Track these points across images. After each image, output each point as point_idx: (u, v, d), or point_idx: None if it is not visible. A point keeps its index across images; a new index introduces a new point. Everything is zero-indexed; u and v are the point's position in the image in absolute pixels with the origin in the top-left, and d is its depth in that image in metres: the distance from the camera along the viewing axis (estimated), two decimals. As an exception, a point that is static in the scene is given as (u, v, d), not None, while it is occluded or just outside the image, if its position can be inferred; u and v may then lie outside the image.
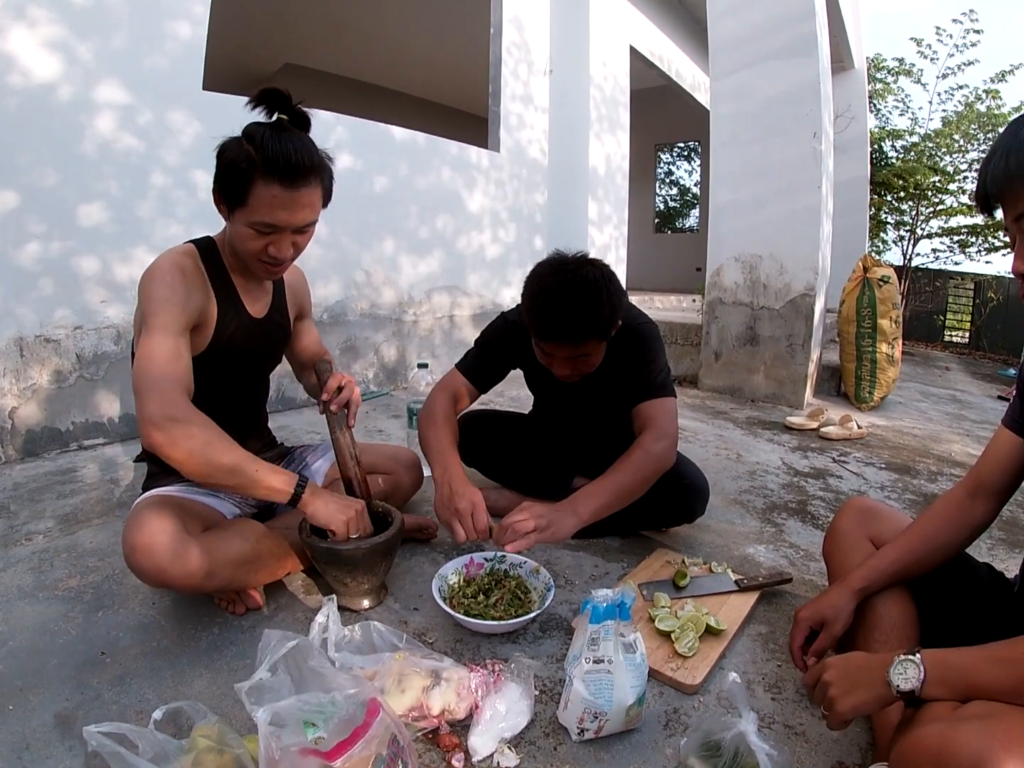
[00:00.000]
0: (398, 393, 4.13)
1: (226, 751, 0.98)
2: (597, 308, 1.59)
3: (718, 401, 4.34)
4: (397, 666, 1.18)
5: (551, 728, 1.21)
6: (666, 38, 6.88)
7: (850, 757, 1.18)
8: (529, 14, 5.07)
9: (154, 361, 1.32)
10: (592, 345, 1.67)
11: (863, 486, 2.75)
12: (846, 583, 1.27)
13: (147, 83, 2.82)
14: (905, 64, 9.89)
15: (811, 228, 4.03)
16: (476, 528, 1.53)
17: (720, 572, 1.79)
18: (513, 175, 5.01)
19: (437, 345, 4.52)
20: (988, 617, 1.22)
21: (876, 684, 0.97)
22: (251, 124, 1.39)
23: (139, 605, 1.55)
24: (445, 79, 8.60)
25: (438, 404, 1.88)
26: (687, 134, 11.63)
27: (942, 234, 9.98)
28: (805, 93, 3.98)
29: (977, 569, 1.33)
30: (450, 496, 1.58)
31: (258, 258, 1.45)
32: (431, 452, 1.76)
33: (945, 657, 0.94)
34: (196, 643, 1.41)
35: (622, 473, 1.66)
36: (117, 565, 1.70)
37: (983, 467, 1.27)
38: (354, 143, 3.75)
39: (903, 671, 0.93)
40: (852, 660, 1.05)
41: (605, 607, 1.14)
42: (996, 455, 1.26)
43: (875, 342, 4.26)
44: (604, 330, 1.65)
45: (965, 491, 1.29)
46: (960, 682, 0.91)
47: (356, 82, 8.55)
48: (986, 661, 0.90)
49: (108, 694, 1.23)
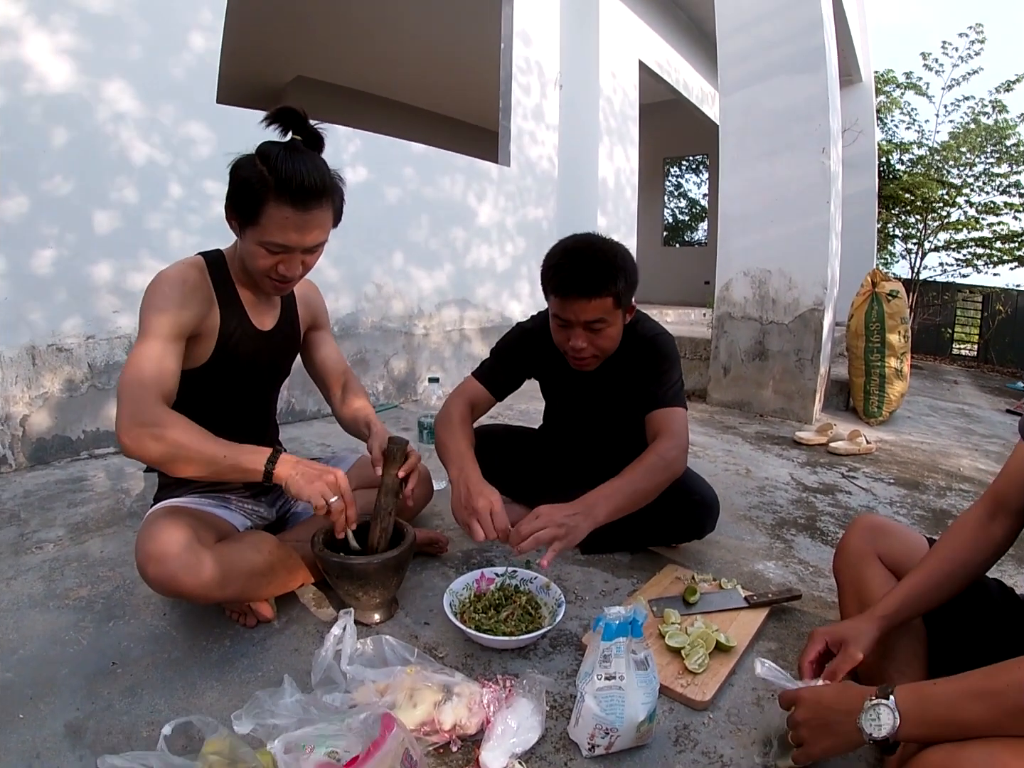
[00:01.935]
0: (407, 406, 4.15)
1: (239, 764, 0.98)
2: (612, 260, 1.68)
3: (727, 416, 4.33)
4: (409, 680, 1.18)
5: (562, 744, 1.20)
6: (674, 52, 6.93)
7: None
8: (539, 29, 5.12)
9: (133, 368, 1.34)
10: (608, 307, 1.69)
11: (872, 502, 2.73)
12: (871, 612, 1.24)
13: (163, 94, 2.87)
14: (912, 77, 9.95)
15: (820, 243, 4.03)
16: (496, 527, 1.52)
17: (730, 588, 1.78)
18: (523, 189, 5.04)
19: (446, 358, 4.55)
20: (1000, 634, 1.19)
21: (848, 731, 0.95)
22: (265, 143, 1.40)
23: (150, 616, 1.55)
24: (456, 92, 8.65)
25: (455, 409, 1.89)
26: (696, 147, 11.63)
27: (950, 247, 10.00)
28: (813, 108, 4.00)
29: (988, 586, 1.30)
30: (468, 495, 1.58)
31: (267, 275, 1.47)
32: (447, 455, 1.76)
33: (923, 695, 0.91)
34: (207, 655, 1.41)
35: (636, 476, 1.66)
36: (128, 575, 1.71)
37: (1001, 485, 1.23)
38: (366, 157, 3.79)
39: (875, 717, 0.91)
40: (823, 698, 1.03)
41: (617, 624, 1.13)
42: (1015, 472, 1.21)
43: (884, 356, 4.25)
44: (618, 287, 1.68)
45: (984, 510, 1.25)
46: (938, 720, 0.88)
47: (367, 95, 8.60)
48: (965, 695, 0.86)
49: (119, 704, 1.24)
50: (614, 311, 1.72)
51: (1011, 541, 1.23)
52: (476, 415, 1.97)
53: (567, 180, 5.45)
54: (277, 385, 1.81)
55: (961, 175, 9.58)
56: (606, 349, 1.80)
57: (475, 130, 9.27)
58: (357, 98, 8.51)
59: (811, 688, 1.09)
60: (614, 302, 1.69)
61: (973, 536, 1.23)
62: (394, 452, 1.56)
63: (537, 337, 1.92)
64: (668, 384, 1.85)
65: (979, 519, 1.24)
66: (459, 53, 7.26)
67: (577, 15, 5.43)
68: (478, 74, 7.02)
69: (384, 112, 8.57)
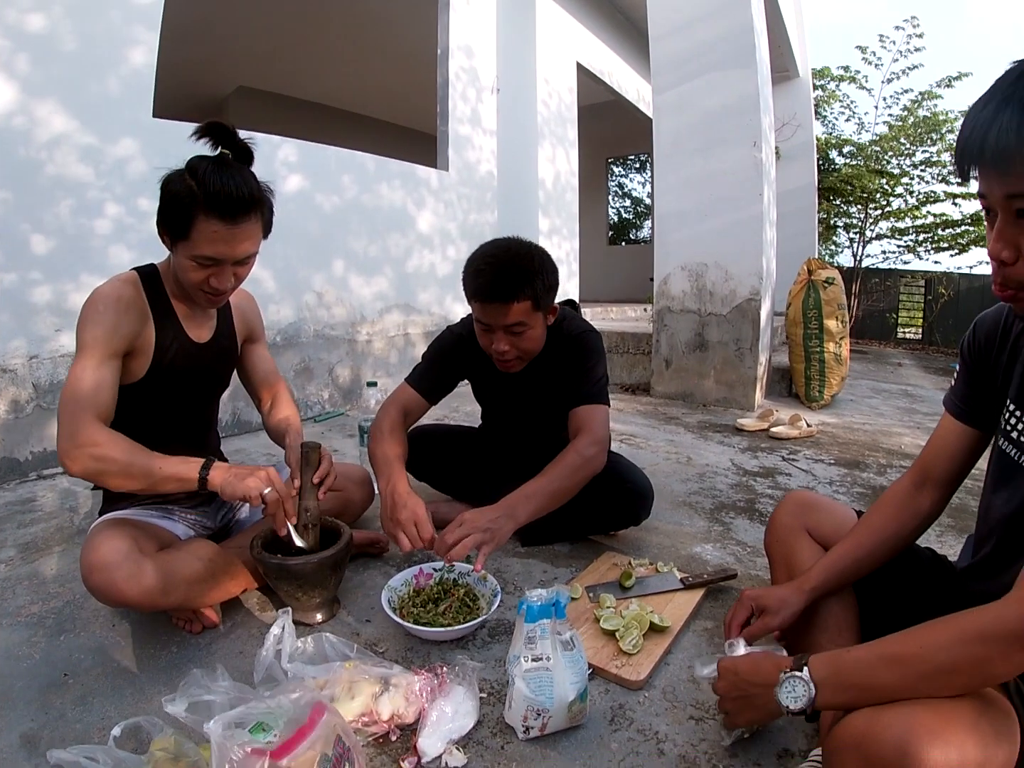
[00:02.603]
0: (354, 413, 4.12)
1: (182, 759, 1.02)
2: (529, 264, 1.71)
3: (670, 407, 4.41)
4: (347, 674, 1.21)
5: (499, 728, 1.24)
6: (612, 53, 7.03)
7: (796, 744, 1.21)
8: (476, 33, 5.14)
9: (70, 388, 1.38)
10: (526, 310, 1.73)
11: (812, 482, 2.80)
12: (798, 582, 1.27)
13: (98, 110, 2.85)
14: (850, 71, 10.17)
15: (754, 235, 4.14)
16: (421, 537, 1.56)
17: (666, 571, 1.84)
18: (462, 195, 5.07)
19: (392, 364, 4.54)
20: (931, 603, 1.20)
21: (767, 703, 0.97)
22: (194, 158, 1.43)
23: (100, 628, 1.57)
24: (396, 99, 8.66)
25: (385, 418, 1.92)
26: (637, 146, 11.73)
27: (891, 235, 10.25)
28: (745, 103, 4.11)
29: (919, 554, 1.34)
30: (392, 507, 1.62)
31: (200, 288, 1.50)
32: (377, 465, 1.80)
33: (838, 663, 0.92)
34: (155, 662, 1.43)
35: (556, 475, 1.71)
36: (78, 590, 1.72)
37: (928, 457, 1.26)
38: (303, 166, 3.79)
39: (791, 689, 0.93)
40: (740, 671, 1.06)
41: (540, 606, 1.18)
42: (940, 443, 1.25)
43: (822, 342, 4.38)
44: (536, 290, 1.72)
45: (911, 482, 1.28)
46: (854, 686, 0.89)
47: (310, 103, 8.59)
48: (879, 661, 0.88)
49: (71, 714, 1.26)
50: (534, 314, 1.76)
51: (939, 511, 1.27)
52: (411, 421, 2.01)
53: (507, 183, 5.49)
54: (216, 396, 1.84)
55: (900, 165, 9.82)
56: (529, 351, 1.83)
57: (417, 135, 9.28)
58: (300, 107, 8.51)
59: (729, 659, 1.13)
60: (533, 305, 1.73)
61: (901, 506, 1.28)
62: (308, 455, 1.60)
63: (467, 340, 1.95)
64: (591, 381, 1.90)
65: (907, 490, 1.28)
66: (398, 59, 7.28)
67: (514, 19, 5.48)
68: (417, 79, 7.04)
69: (327, 120, 8.58)
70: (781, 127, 7.86)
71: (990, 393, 1.14)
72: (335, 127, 8.14)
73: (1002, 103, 0.78)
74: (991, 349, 1.13)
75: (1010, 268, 0.86)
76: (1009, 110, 0.77)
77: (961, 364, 1.22)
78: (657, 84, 4.52)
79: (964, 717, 0.81)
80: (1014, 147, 0.77)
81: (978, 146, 0.80)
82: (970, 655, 0.82)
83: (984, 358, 1.15)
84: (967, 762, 0.77)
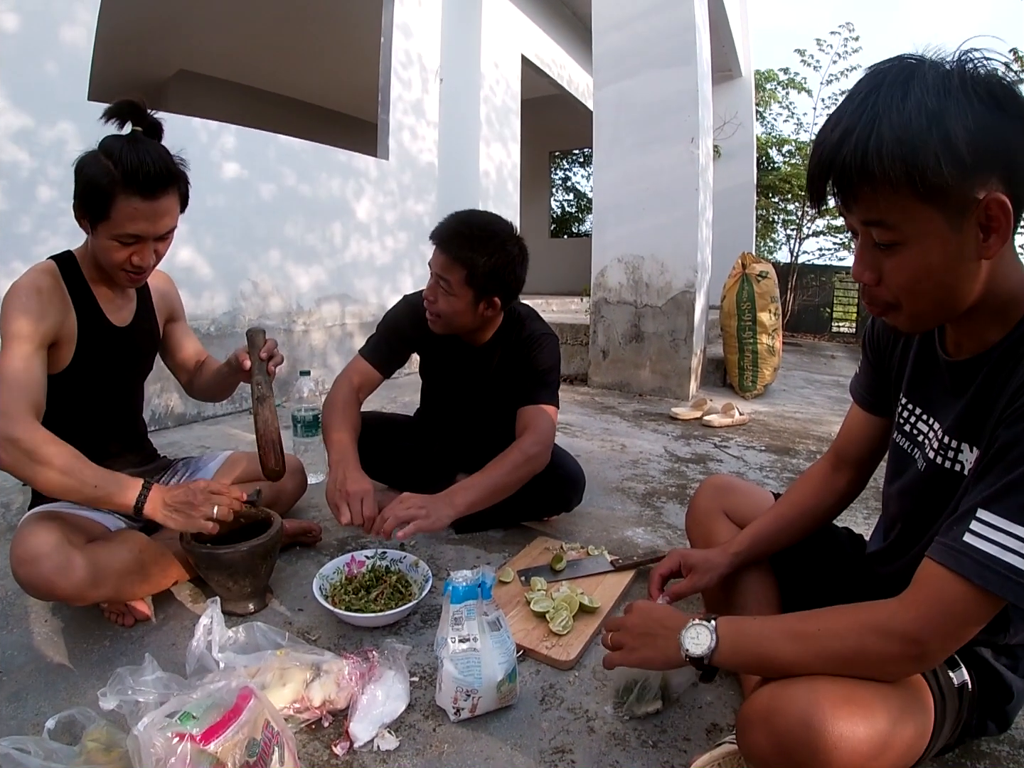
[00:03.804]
0: (289, 404, 4.03)
1: (114, 749, 1.03)
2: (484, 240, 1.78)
3: (607, 397, 4.47)
4: (278, 662, 1.22)
5: (430, 711, 1.26)
6: (557, 47, 7.05)
7: (724, 719, 1.24)
8: (420, 22, 5.10)
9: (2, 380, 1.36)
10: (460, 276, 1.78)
11: (743, 468, 2.89)
12: (724, 547, 1.34)
13: (32, 93, 2.76)
14: (790, 73, 10.41)
15: (690, 229, 4.23)
16: (363, 513, 1.58)
17: (597, 555, 1.89)
18: (402, 184, 5.03)
19: (329, 354, 4.49)
20: (844, 581, 1.27)
21: (668, 645, 1.00)
22: (107, 138, 1.43)
23: (32, 624, 1.55)
24: (338, 85, 8.54)
25: (339, 392, 1.93)
26: (581, 141, 11.72)
27: (827, 232, 10.55)
28: (684, 100, 4.18)
29: (836, 533, 1.40)
30: (343, 480, 1.64)
31: (122, 268, 1.49)
32: (329, 439, 1.82)
33: (742, 627, 0.96)
34: (88, 656, 1.42)
35: (498, 471, 1.76)
36: (10, 587, 1.68)
37: (841, 441, 1.32)
38: (241, 152, 3.70)
39: (695, 636, 0.96)
40: (655, 612, 1.10)
41: (465, 587, 1.21)
42: (851, 429, 1.30)
43: (756, 334, 4.50)
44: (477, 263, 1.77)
45: (829, 463, 1.34)
46: (752, 652, 0.93)
47: (250, 88, 8.39)
48: (781, 634, 0.91)
49: (6, 710, 1.25)
50: (463, 286, 1.79)
51: (856, 490, 1.33)
52: (365, 394, 2.01)
53: (448, 174, 5.46)
54: (140, 380, 1.83)
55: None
56: (443, 312, 1.85)
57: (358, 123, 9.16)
58: (241, 92, 8.29)
59: (646, 601, 1.18)
60: (467, 276, 1.77)
61: (819, 485, 1.33)
62: (253, 338, 1.64)
63: (421, 310, 1.94)
64: (544, 383, 1.95)
65: (824, 470, 1.34)
66: (341, 46, 7.17)
67: (459, 9, 5.46)
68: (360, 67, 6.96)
69: (268, 105, 8.37)
70: (722, 125, 7.99)
71: (889, 385, 1.19)
72: (276, 114, 7.97)
73: (847, 130, 0.78)
74: (887, 343, 1.18)
75: (875, 289, 0.88)
76: (854, 138, 0.77)
77: (863, 356, 1.27)
78: (598, 79, 4.56)
79: (871, 693, 0.84)
80: (858, 176, 0.78)
81: (826, 173, 0.81)
82: (862, 646, 0.85)
83: (882, 351, 1.20)
84: (873, 735, 0.81)
